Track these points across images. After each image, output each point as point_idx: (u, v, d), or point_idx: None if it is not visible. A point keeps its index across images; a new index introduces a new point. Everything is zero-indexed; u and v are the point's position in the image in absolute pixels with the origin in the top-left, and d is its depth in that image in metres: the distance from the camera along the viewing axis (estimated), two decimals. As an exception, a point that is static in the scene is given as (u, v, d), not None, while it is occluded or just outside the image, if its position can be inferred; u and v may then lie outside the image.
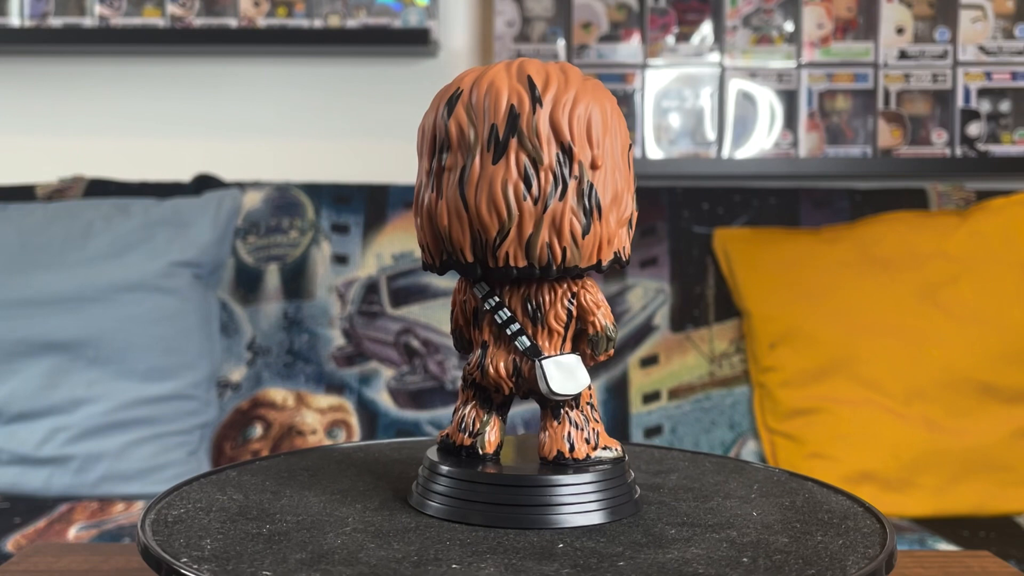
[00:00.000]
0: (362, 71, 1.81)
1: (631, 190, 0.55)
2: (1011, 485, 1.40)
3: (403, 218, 1.59)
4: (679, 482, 0.63)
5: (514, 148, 0.52)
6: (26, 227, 1.50)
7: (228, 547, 0.50)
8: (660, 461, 0.69)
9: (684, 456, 0.71)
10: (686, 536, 0.52)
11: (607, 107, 0.54)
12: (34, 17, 1.73)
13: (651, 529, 0.53)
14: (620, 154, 0.54)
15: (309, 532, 0.52)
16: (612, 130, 0.54)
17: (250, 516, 0.55)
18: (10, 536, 1.25)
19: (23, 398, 1.42)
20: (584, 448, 0.56)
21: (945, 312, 1.44)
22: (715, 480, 0.64)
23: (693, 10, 1.73)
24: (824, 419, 1.43)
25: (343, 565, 0.47)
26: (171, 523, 0.54)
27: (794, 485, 0.63)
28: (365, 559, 0.48)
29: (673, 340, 1.54)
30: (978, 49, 1.70)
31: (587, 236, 0.53)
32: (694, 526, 0.54)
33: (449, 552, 0.49)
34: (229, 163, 1.78)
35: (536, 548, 0.50)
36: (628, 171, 0.55)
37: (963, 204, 1.59)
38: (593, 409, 0.57)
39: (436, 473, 0.56)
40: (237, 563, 0.47)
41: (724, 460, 0.70)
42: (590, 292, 0.56)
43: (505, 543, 0.50)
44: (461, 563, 0.48)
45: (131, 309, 1.45)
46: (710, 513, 0.56)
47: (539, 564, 0.48)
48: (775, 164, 1.71)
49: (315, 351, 1.54)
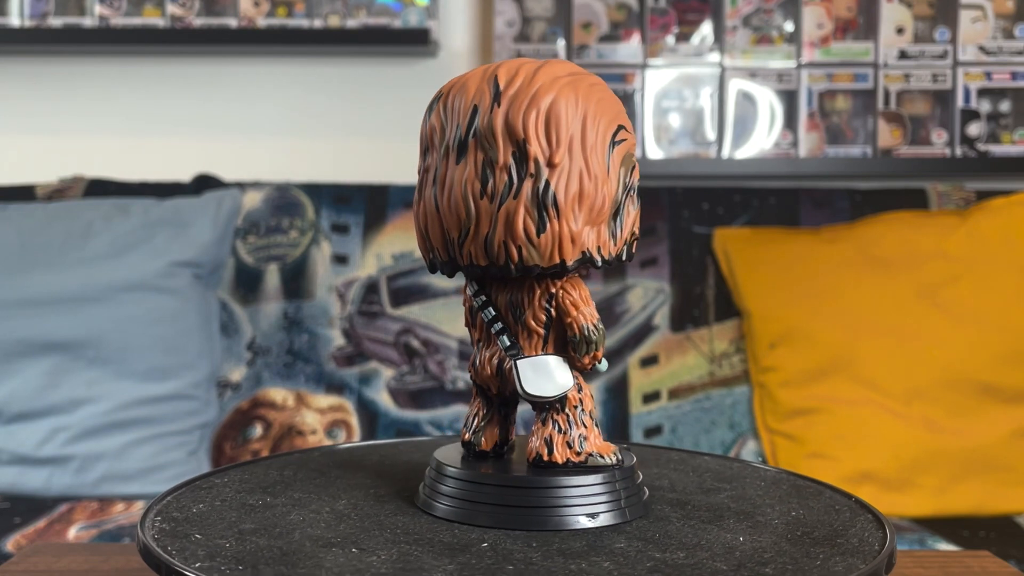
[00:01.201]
0: (362, 71, 1.81)
1: (611, 187, 0.53)
2: (1011, 485, 1.40)
3: (403, 218, 1.59)
4: (678, 482, 0.63)
5: (472, 148, 0.53)
6: (26, 227, 1.50)
7: (228, 547, 0.50)
8: (659, 461, 0.69)
9: (683, 456, 0.71)
10: (684, 537, 0.52)
11: (580, 103, 0.52)
12: (34, 17, 1.73)
13: (643, 533, 0.53)
14: (596, 151, 0.53)
15: (309, 532, 0.52)
16: (585, 127, 0.52)
17: (250, 516, 0.55)
18: (10, 536, 1.25)
19: (23, 398, 1.42)
20: (565, 452, 0.54)
21: (945, 312, 1.44)
22: (715, 480, 0.64)
23: (693, 10, 1.73)
24: (824, 419, 1.43)
25: (344, 565, 0.47)
26: (171, 523, 0.54)
27: (794, 485, 0.63)
28: (366, 559, 0.48)
29: (673, 340, 1.54)
30: (978, 49, 1.70)
31: (543, 235, 0.52)
32: (691, 527, 0.54)
33: (421, 556, 0.49)
34: (229, 163, 1.78)
35: (472, 551, 0.50)
36: (612, 169, 0.53)
37: (963, 204, 1.59)
38: (583, 413, 0.55)
39: (437, 472, 0.56)
40: (237, 563, 0.47)
41: (724, 460, 0.70)
42: (570, 293, 0.54)
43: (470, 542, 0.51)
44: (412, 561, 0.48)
45: (131, 309, 1.45)
46: (708, 513, 0.56)
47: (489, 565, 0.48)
48: (775, 164, 1.71)
49: (315, 351, 1.54)
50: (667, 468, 0.67)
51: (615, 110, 0.54)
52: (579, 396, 0.55)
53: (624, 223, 0.54)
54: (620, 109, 0.55)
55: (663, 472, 0.65)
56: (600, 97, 0.54)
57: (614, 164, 0.53)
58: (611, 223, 0.54)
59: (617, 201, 0.53)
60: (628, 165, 0.54)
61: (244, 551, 0.49)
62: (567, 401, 0.55)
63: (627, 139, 0.54)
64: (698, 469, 0.67)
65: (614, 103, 0.55)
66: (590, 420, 0.55)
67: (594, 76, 0.55)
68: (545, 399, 0.54)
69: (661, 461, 0.69)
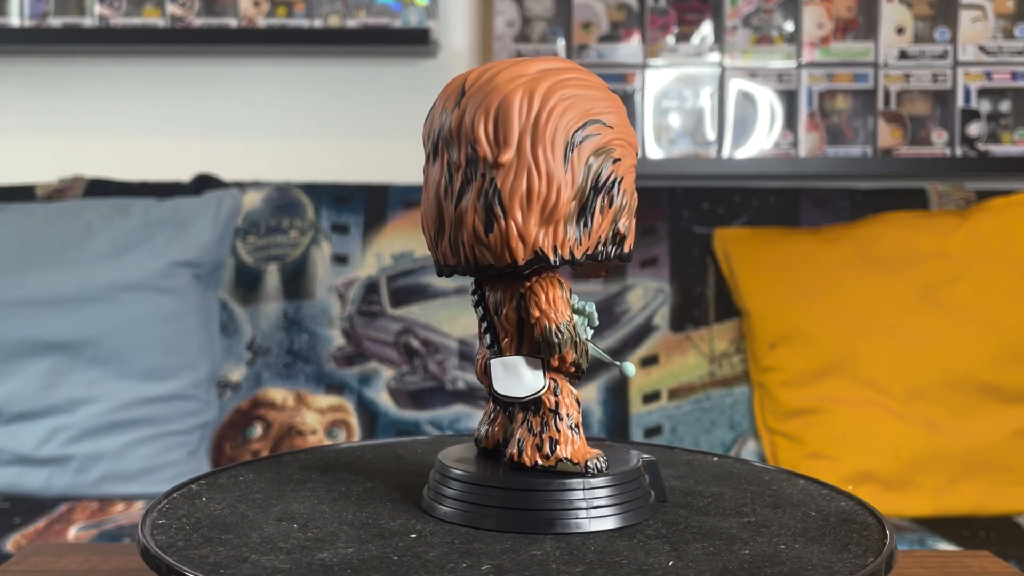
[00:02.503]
0: (362, 71, 1.81)
1: (569, 185, 0.52)
2: (1011, 485, 1.40)
3: (403, 218, 1.59)
4: (676, 483, 0.63)
5: (442, 149, 0.54)
6: (26, 227, 1.50)
7: (229, 547, 0.50)
8: (658, 460, 0.69)
9: (684, 455, 0.71)
10: (682, 538, 0.52)
11: (536, 101, 0.52)
12: (34, 17, 1.73)
13: (636, 537, 0.53)
14: (549, 149, 0.52)
15: (309, 532, 0.52)
16: (538, 125, 0.52)
17: (251, 517, 0.55)
18: (10, 536, 1.25)
19: (23, 398, 1.42)
20: (534, 456, 0.54)
21: (945, 312, 1.44)
22: (714, 480, 0.64)
23: (693, 10, 1.73)
24: (824, 419, 1.43)
25: (344, 565, 0.47)
26: (171, 524, 0.54)
27: (794, 485, 0.63)
28: (367, 560, 0.48)
29: (673, 340, 1.54)
30: (978, 49, 1.70)
31: (491, 235, 0.52)
32: (690, 527, 0.54)
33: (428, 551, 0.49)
34: (229, 163, 1.78)
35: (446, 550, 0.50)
36: (573, 166, 0.52)
37: (963, 204, 1.59)
38: (558, 417, 0.54)
39: (440, 473, 0.56)
40: (238, 564, 0.47)
41: (724, 459, 0.70)
42: (536, 293, 0.54)
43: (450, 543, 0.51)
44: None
45: (131, 309, 1.45)
46: (708, 513, 0.56)
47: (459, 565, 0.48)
48: (775, 164, 1.71)
49: (315, 351, 1.54)
50: (665, 468, 0.67)
51: (586, 106, 0.53)
52: (555, 399, 0.54)
53: (595, 222, 0.53)
54: (597, 105, 0.53)
55: (663, 472, 0.65)
56: (571, 93, 0.53)
57: (576, 161, 0.52)
58: (576, 222, 0.52)
59: (583, 199, 0.52)
60: (601, 161, 0.53)
61: (244, 551, 0.49)
62: (542, 404, 0.54)
63: (598, 135, 0.53)
64: (697, 468, 0.67)
65: (590, 99, 0.53)
66: (565, 424, 0.54)
67: (577, 71, 0.54)
68: (514, 399, 0.54)
69: (661, 461, 0.69)
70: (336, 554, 0.49)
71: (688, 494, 0.60)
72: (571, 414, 0.54)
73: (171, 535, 0.51)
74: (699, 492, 0.61)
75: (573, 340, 0.54)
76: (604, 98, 0.54)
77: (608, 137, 0.53)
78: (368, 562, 0.48)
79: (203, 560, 0.48)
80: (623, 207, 0.54)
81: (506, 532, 0.52)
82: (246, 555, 0.48)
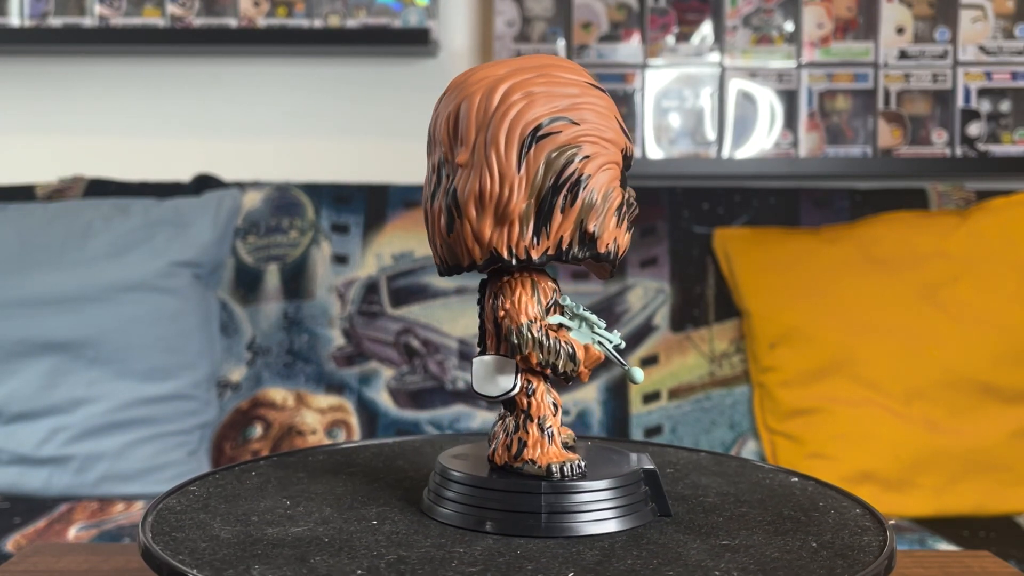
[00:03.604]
0: (362, 71, 1.81)
1: (522, 185, 0.51)
2: (1011, 485, 1.40)
3: (403, 218, 1.59)
4: (675, 482, 0.63)
5: (428, 151, 0.56)
6: (26, 227, 1.50)
7: (229, 548, 0.50)
8: (658, 460, 0.69)
9: (683, 454, 0.71)
10: (681, 537, 0.52)
11: (497, 100, 0.52)
12: (34, 17, 1.73)
13: (622, 542, 0.53)
14: (503, 148, 0.52)
15: (309, 532, 0.52)
16: (493, 124, 0.51)
17: (250, 517, 0.55)
18: (10, 536, 1.25)
19: (23, 398, 1.42)
20: (504, 455, 0.55)
21: (945, 312, 1.44)
22: (713, 480, 0.64)
23: (693, 10, 1.73)
24: (824, 419, 1.43)
25: (344, 566, 0.47)
26: (172, 524, 0.54)
27: (794, 485, 0.63)
28: (368, 560, 0.48)
29: (673, 340, 1.54)
30: (978, 49, 1.70)
31: (452, 235, 0.53)
32: (690, 527, 0.54)
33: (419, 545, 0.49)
34: (229, 163, 1.78)
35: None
36: (527, 165, 0.51)
37: (963, 204, 1.59)
38: (530, 419, 0.54)
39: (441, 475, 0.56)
40: (238, 564, 0.47)
41: (724, 459, 0.69)
42: (504, 293, 0.54)
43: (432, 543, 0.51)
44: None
45: (131, 309, 1.45)
46: (708, 513, 0.56)
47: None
48: (775, 164, 1.71)
49: (315, 351, 1.54)
50: (664, 467, 0.67)
51: (550, 104, 0.52)
52: (528, 401, 0.54)
53: (554, 221, 0.52)
54: (564, 102, 0.52)
55: (661, 471, 0.65)
56: (534, 91, 0.52)
57: (532, 160, 0.51)
58: (533, 221, 0.52)
59: (541, 198, 0.52)
60: (561, 159, 0.51)
61: (244, 551, 0.49)
62: (516, 404, 0.55)
63: (559, 132, 0.51)
64: (695, 467, 0.67)
65: (558, 96, 0.52)
66: (535, 426, 0.54)
67: (555, 67, 0.53)
68: (488, 399, 0.55)
69: (661, 460, 0.69)
70: (336, 554, 0.49)
71: (688, 493, 0.60)
72: (544, 416, 0.54)
73: (171, 535, 0.51)
74: (698, 492, 0.61)
75: (539, 342, 0.53)
76: (578, 95, 0.52)
77: (573, 134, 0.52)
78: (368, 563, 0.48)
79: (204, 560, 0.48)
80: (590, 206, 0.52)
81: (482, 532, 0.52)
82: (246, 555, 0.48)
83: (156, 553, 0.49)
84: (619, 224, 0.53)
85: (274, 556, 0.48)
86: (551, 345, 0.53)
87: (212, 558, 0.48)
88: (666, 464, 0.68)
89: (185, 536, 0.51)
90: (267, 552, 0.49)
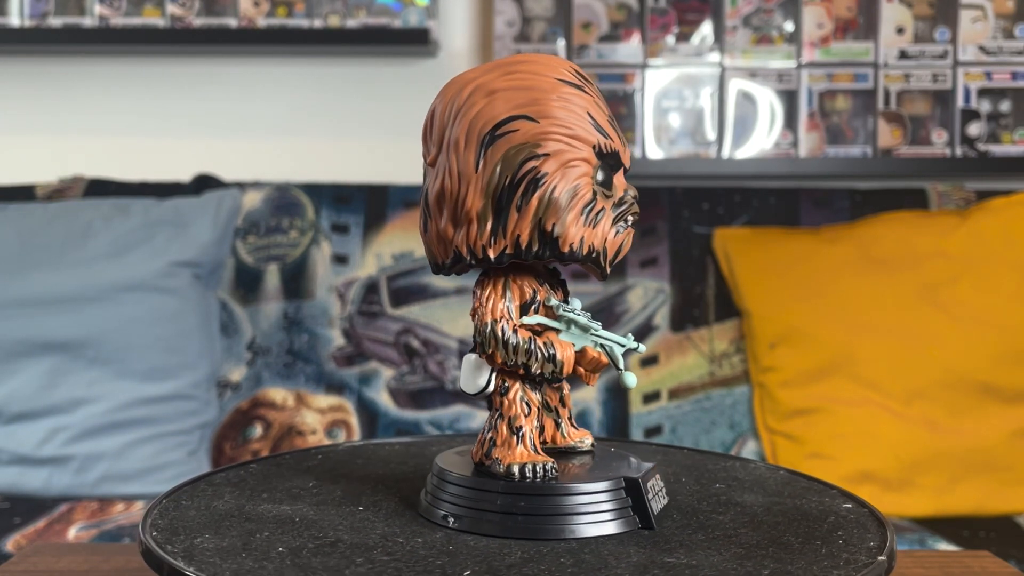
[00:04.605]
0: (362, 71, 1.81)
1: (479, 184, 0.51)
2: (1011, 485, 1.40)
3: (403, 218, 1.59)
4: (675, 482, 0.63)
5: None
6: (26, 227, 1.50)
7: (229, 548, 0.50)
8: (659, 459, 0.68)
9: (683, 454, 0.71)
10: (681, 537, 0.52)
11: (464, 100, 0.52)
12: (34, 17, 1.73)
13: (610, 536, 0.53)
14: (462, 148, 0.51)
15: (309, 532, 0.52)
16: (456, 124, 0.52)
17: (251, 517, 0.55)
18: (10, 536, 1.25)
19: (23, 398, 1.42)
20: (479, 452, 0.55)
21: (945, 312, 1.44)
22: (713, 479, 0.64)
23: (693, 10, 1.73)
24: (824, 419, 1.43)
25: (343, 566, 0.47)
26: (172, 524, 0.54)
27: (794, 485, 0.63)
28: (366, 561, 0.48)
29: (673, 340, 1.54)
30: (978, 49, 1.70)
31: (427, 234, 0.54)
32: (691, 527, 0.54)
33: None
34: (229, 163, 1.78)
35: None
36: (485, 164, 0.51)
37: (963, 204, 1.59)
38: (501, 418, 0.54)
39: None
40: (238, 564, 0.47)
41: (724, 459, 0.69)
42: (477, 291, 0.54)
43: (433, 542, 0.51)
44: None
45: (131, 309, 1.45)
46: (708, 512, 0.56)
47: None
48: (775, 164, 1.71)
49: (315, 351, 1.54)
50: (664, 467, 0.67)
51: (514, 101, 0.51)
52: (501, 400, 0.54)
53: (510, 220, 0.51)
54: (528, 98, 0.51)
55: (662, 471, 0.65)
56: (499, 90, 0.51)
57: (489, 159, 0.51)
58: (492, 220, 0.51)
59: (498, 197, 0.51)
60: (518, 157, 0.50)
61: (243, 551, 0.49)
62: (491, 403, 0.55)
63: (517, 130, 0.50)
64: (696, 467, 0.67)
65: (524, 92, 0.51)
66: (505, 426, 0.54)
67: (527, 64, 0.52)
68: (468, 395, 0.55)
69: (661, 460, 0.69)
70: (335, 555, 0.49)
71: (687, 493, 0.60)
72: (515, 416, 0.54)
73: (171, 535, 0.51)
74: (697, 491, 0.61)
75: (504, 342, 0.52)
76: (546, 91, 0.51)
77: (532, 132, 0.51)
78: (367, 563, 0.48)
79: (204, 560, 0.48)
80: (549, 204, 0.51)
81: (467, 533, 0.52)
82: (246, 555, 0.48)
83: (156, 553, 0.49)
84: (588, 223, 0.51)
85: (273, 556, 0.48)
86: (519, 345, 0.52)
87: (212, 558, 0.48)
88: (667, 464, 0.68)
89: (185, 536, 0.51)
90: (266, 552, 0.49)
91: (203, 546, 0.50)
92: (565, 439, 0.58)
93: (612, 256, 0.53)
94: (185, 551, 0.49)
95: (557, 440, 0.58)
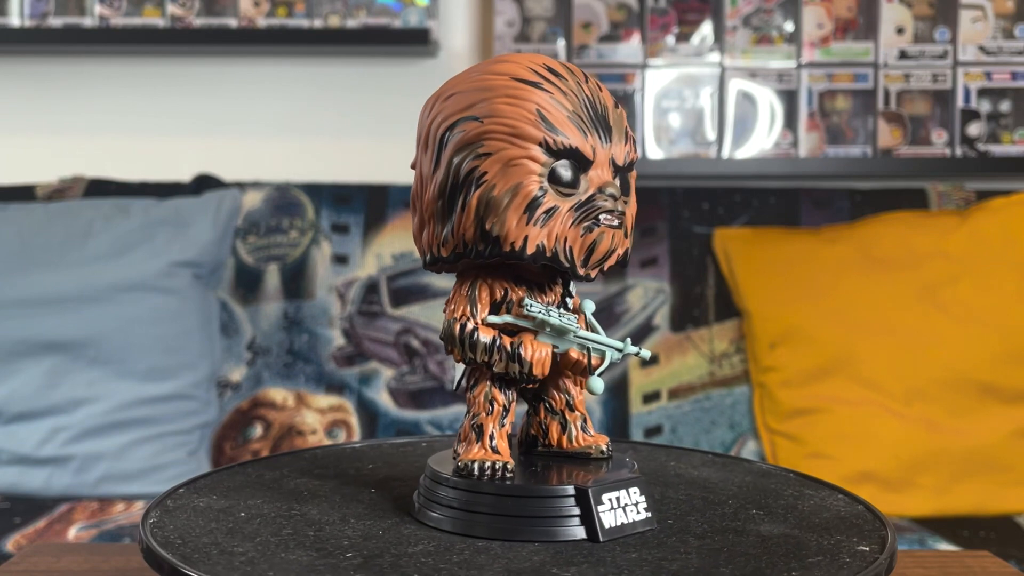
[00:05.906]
0: (362, 71, 1.81)
1: (434, 184, 0.51)
2: (1011, 485, 1.40)
3: (403, 218, 1.59)
4: (674, 482, 0.63)
5: None
6: (26, 227, 1.50)
7: (229, 548, 0.50)
8: (658, 459, 0.68)
9: (682, 454, 0.71)
10: (681, 537, 0.52)
11: (439, 102, 0.53)
12: (34, 17, 1.73)
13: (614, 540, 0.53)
14: (428, 148, 0.52)
15: (308, 533, 0.52)
16: (422, 127, 0.53)
17: (251, 517, 0.55)
18: (10, 536, 1.25)
19: (23, 398, 1.42)
20: (461, 451, 0.55)
21: (945, 312, 1.44)
22: (714, 479, 0.64)
23: (693, 10, 1.73)
24: (824, 419, 1.43)
25: (345, 566, 0.47)
26: (172, 524, 0.54)
27: (794, 485, 0.63)
28: (367, 560, 0.48)
29: (673, 340, 1.54)
30: (978, 49, 1.70)
31: (413, 234, 0.56)
32: (690, 526, 0.54)
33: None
34: (229, 163, 1.78)
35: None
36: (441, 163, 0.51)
37: (963, 204, 1.59)
38: (467, 415, 0.55)
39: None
40: (237, 564, 0.47)
41: (724, 458, 0.69)
42: (453, 291, 0.55)
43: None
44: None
45: (131, 309, 1.45)
46: (709, 512, 0.56)
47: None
48: (775, 164, 1.71)
49: (315, 351, 1.54)
50: (663, 466, 0.67)
51: (467, 101, 0.51)
52: (469, 397, 0.55)
53: (456, 219, 0.51)
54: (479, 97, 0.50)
55: (661, 470, 0.65)
56: (459, 91, 0.51)
57: (443, 160, 0.51)
58: (445, 221, 0.51)
59: (447, 197, 0.51)
60: (463, 157, 0.50)
61: (243, 551, 0.49)
62: (468, 403, 0.56)
63: (463, 132, 0.50)
64: (696, 467, 0.67)
65: (476, 92, 0.51)
66: (468, 423, 0.55)
67: (502, 61, 0.52)
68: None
69: (659, 459, 0.69)
70: (335, 555, 0.49)
71: (687, 493, 0.60)
72: (477, 414, 0.55)
73: (172, 535, 0.51)
74: (698, 491, 0.61)
75: (461, 340, 0.53)
76: (496, 89, 0.50)
77: (475, 132, 0.50)
78: (368, 564, 0.48)
79: (204, 560, 0.48)
80: (487, 204, 0.50)
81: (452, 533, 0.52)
82: (245, 555, 0.48)
83: (156, 553, 0.49)
84: (534, 223, 0.50)
85: (273, 556, 0.48)
86: (477, 343, 0.52)
87: (212, 558, 0.48)
88: (666, 463, 0.68)
89: (185, 536, 0.51)
90: (266, 552, 0.49)
91: (203, 546, 0.50)
92: (573, 444, 0.57)
93: (584, 256, 0.51)
94: (185, 551, 0.49)
95: (564, 444, 0.58)
